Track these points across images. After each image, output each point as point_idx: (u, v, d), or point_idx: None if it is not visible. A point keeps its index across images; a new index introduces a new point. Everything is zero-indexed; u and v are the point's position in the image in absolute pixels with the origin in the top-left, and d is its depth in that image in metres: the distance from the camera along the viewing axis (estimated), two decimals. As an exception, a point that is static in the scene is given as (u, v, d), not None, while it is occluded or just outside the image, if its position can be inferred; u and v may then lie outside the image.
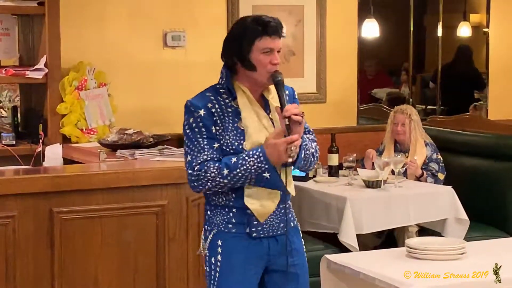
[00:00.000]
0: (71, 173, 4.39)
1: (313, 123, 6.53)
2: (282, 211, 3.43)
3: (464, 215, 5.52)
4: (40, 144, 5.05)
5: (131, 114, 5.94)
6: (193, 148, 3.30)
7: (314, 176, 6.02)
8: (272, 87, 3.39)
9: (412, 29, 7.17)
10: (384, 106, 7.22)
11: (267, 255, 3.42)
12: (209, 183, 3.28)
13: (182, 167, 4.40)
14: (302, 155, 3.37)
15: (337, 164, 6.09)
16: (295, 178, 5.83)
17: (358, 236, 5.34)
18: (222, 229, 3.38)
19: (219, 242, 3.39)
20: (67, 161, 5.13)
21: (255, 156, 3.24)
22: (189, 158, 3.32)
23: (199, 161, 3.27)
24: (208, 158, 3.28)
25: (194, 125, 3.31)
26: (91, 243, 4.23)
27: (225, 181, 3.26)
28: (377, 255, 3.93)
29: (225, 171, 3.25)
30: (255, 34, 3.28)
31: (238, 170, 3.25)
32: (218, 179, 3.26)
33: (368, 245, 5.62)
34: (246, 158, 3.25)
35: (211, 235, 3.41)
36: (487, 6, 7.30)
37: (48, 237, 4.14)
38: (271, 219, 3.41)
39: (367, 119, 6.97)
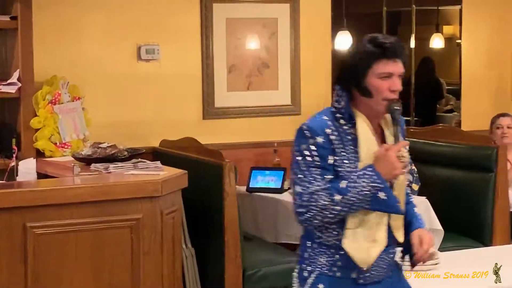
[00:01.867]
0: (45, 187, 4.37)
1: (288, 136, 6.57)
2: (391, 255, 3.12)
3: (438, 226, 5.54)
4: (14, 158, 5.02)
5: (105, 127, 5.92)
6: (303, 178, 2.95)
7: (290, 188, 6.02)
8: (388, 116, 3.09)
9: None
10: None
11: None
12: (320, 214, 2.92)
13: (157, 180, 4.43)
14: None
15: (311, 176, 6.08)
16: (270, 190, 5.92)
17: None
18: (326, 271, 3.04)
19: (321, 286, 3.05)
20: (41, 175, 5.09)
21: (367, 176, 2.92)
22: (298, 189, 2.96)
23: (310, 191, 2.93)
24: (319, 189, 2.94)
25: (307, 152, 2.96)
26: (65, 257, 4.19)
27: (338, 208, 2.92)
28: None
29: (337, 197, 2.91)
30: (373, 57, 2.97)
31: (350, 194, 2.91)
32: (331, 207, 2.91)
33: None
34: (357, 179, 2.92)
35: (312, 278, 3.06)
36: (460, 18, 7.35)
37: (22, 252, 4.10)
38: (379, 264, 3.07)
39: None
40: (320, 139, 2.95)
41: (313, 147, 2.95)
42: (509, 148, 6.20)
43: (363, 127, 3.02)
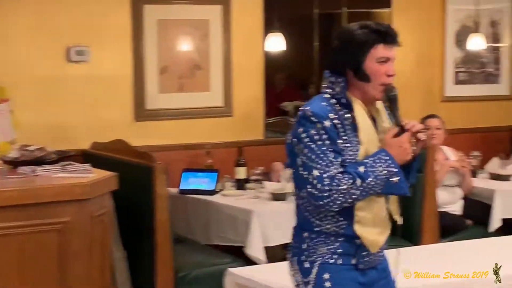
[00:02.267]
0: (-30, 191, 4.30)
1: (220, 137, 6.61)
2: (386, 240, 3.14)
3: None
4: None
5: (35, 130, 5.84)
6: (320, 162, 2.92)
7: (222, 190, 6.03)
8: (379, 104, 3.13)
9: (317, 43, 7.24)
10: (291, 119, 7.27)
11: (370, 286, 3.12)
12: (341, 197, 2.91)
13: (85, 183, 4.38)
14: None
15: (244, 177, 6.11)
16: (202, 192, 5.91)
17: (266, 248, 5.37)
18: (328, 260, 3.03)
19: (327, 276, 3.02)
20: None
21: (382, 160, 2.94)
22: (316, 173, 2.92)
23: (330, 175, 2.91)
24: (338, 172, 2.93)
25: (317, 137, 2.94)
26: (-8, 262, 4.14)
27: (358, 192, 2.92)
28: (283, 267, 3.95)
29: (358, 182, 2.91)
30: (372, 42, 3.01)
31: (370, 179, 2.91)
32: (352, 191, 2.91)
33: (276, 257, 5.64)
34: (374, 164, 2.94)
35: (316, 269, 3.04)
36: (391, 21, 7.43)
37: None
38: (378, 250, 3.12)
39: (274, 132, 7.00)
40: (327, 123, 2.94)
41: (322, 131, 2.93)
42: (437, 149, 6.30)
43: (361, 112, 3.03)
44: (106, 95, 6.24)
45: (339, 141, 2.96)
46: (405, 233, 5.74)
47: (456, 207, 6.32)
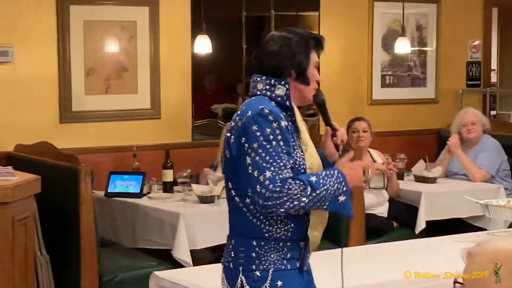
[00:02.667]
0: None
1: (148, 139, 6.56)
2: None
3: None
4: None
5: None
6: (273, 163, 2.87)
7: (149, 193, 5.99)
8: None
9: (245, 45, 7.25)
10: (220, 121, 7.26)
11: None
12: (289, 202, 2.85)
13: (7, 186, 4.31)
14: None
15: (171, 180, 6.08)
16: (129, 195, 5.86)
17: (193, 252, 5.34)
18: (279, 266, 2.98)
19: (279, 283, 2.97)
20: None
21: (335, 177, 2.93)
22: (269, 174, 2.85)
23: (283, 177, 2.87)
24: (290, 178, 2.89)
25: (272, 137, 2.89)
26: None
27: (306, 201, 2.87)
28: (209, 270, 3.93)
29: (309, 190, 2.87)
30: (313, 47, 3.06)
31: (319, 191, 2.89)
32: (301, 198, 2.86)
33: (203, 260, 5.62)
34: (326, 178, 2.92)
35: (269, 277, 2.96)
36: (319, 24, 7.47)
37: None
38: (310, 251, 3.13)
39: (202, 134, 6.98)
40: (283, 123, 2.92)
41: (278, 131, 2.89)
42: (364, 151, 6.35)
43: (299, 116, 3.05)
44: (31, 97, 6.15)
45: (291, 143, 2.95)
46: (332, 235, 5.76)
47: (382, 210, 6.38)
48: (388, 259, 4.33)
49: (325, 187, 2.90)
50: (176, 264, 5.24)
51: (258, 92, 3.04)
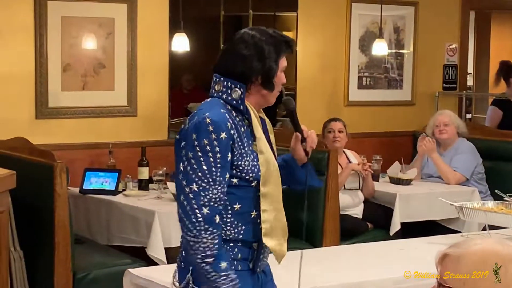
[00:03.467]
0: None
1: (123, 137, 6.54)
2: None
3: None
4: None
5: None
6: (202, 178, 2.79)
7: (124, 190, 5.97)
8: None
9: (223, 45, 7.25)
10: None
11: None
12: (192, 242, 2.78)
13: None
14: None
15: (147, 177, 6.07)
16: (104, 192, 5.84)
17: (167, 250, 5.33)
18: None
19: None
20: None
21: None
22: (195, 187, 2.79)
23: (208, 197, 2.78)
24: (218, 197, 2.80)
25: (208, 148, 2.80)
26: None
27: (206, 266, 2.80)
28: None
29: (210, 260, 2.79)
30: (284, 51, 2.97)
31: (212, 275, 2.81)
32: (203, 254, 2.79)
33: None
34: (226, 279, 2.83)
35: None
36: (296, 25, 7.48)
37: None
38: (268, 252, 3.06)
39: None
40: (223, 135, 2.82)
41: (215, 143, 2.80)
42: (339, 152, 6.37)
43: (256, 122, 2.96)
44: (7, 92, 6.11)
45: (234, 151, 2.86)
46: (307, 236, 5.78)
47: (357, 210, 6.39)
48: (363, 260, 4.34)
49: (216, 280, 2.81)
50: (151, 262, 5.23)
51: (215, 94, 2.97)
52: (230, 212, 2.90)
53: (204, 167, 2.79)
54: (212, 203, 2.79)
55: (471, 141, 6.95)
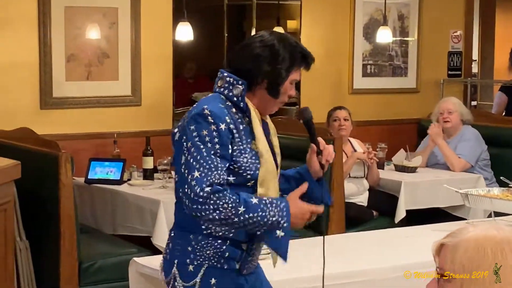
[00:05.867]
0: None
1: (128, 126, 6.54)
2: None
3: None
4: None
5: None
6: (204, 164, 2.78)
7: (129, 179, 5.97)
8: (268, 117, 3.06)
9: (227, 34, 7.24)
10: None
11: None
12: (216, 213, 2.76)
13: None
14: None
15: (152, 167, 6.07)
16: (109, 182, 5.85)
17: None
18: (215, 263, 2.90)
19: (213, 281, 2.89)
20: None
21: (278, 208, 2.81)
22: (197, 174, 2.77)
23: (211, 181, 2.77)
24: (221, 181, 2.79)
25: (208, 139, 2.80)
26: None
27: (236, 220, 2.78)
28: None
29: (241, 209, 2.77)
30: (298, 65, 2.97)
31: (255, 214, 2.78)
32: (230, 213, 2.76)
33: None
34: (269, 205, 2.80)
35: (201, 272, 2.89)
36: (300, 14, 7.47)
37: None
38: (258, 254, 3.04)
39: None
40: (223, 126, 2.81)
41: (215, 134, 2.80)
42: (344, 140, 6.36)
43: (256, 120, 2.92)
44: (11, 82, 6.12)
45: (234, 147, 2.85)
46: (312, 224, 5.76)
47: (362, 198, 6.39)
48: (368, 247, 4.34)
49: (262, 214, 2.79)
50: (156, 251, 5.23)
51: (217, 89, 2.96)
52: None
53: (205, 154, 2.79)
54: (215, 184, 2.78)
55: (476, 128, 6.93)
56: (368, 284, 3.82)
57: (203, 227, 2.88)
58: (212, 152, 2.80)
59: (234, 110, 2.90)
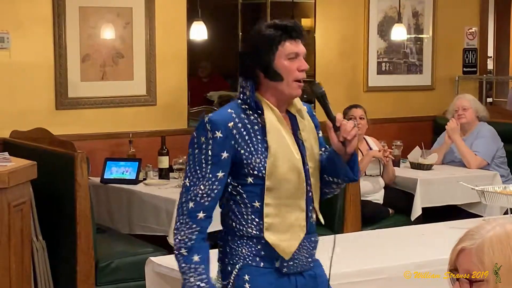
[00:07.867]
0: None
1: (143, 126, 6.55)
2: (313, 244, 3.04)
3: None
4: None
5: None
6: (193, 172, 2.87)
7: (145, 179, 5.99)
8: (298, 103, 3.02)
9: (241, 33, 7.24)
10: (216, 108, 7.24)
11: None
12: (175, 233, 2.91)
13: (3, 171, 4.32)
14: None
15: (167, 166, 6.08)
16: (125, 181, 5.86)
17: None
18: (250, 262, 2.93)
19: (247, 277, 2.92)
20: None
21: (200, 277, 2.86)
22: (187, 182, 2.90)
23: (195, 192, 2.86)
24: (206, 191, 2.85)
25: (203, 146, 2.87)
26: None
27: (176, 253, 2.91)
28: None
29: (184, 251, 2.89)
30: (278, 39, 2.90)
31: (185, 267, 2.88)
32: (179, 244, 2.89)
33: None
34: (195, 271, 2.87)
35: (236, 270, 2.93)
36: (314, 12, 7.46)
37: None
38: (302, 253, 2.98)
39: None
40: (218, 134, 2.86)
41: (209, 141, 2.86)
42: (360, 139, 6.35)
43: (271, 116, 2.92)
44: (26, 83, 6.14)
45: (241, 150, 2.88)
46: (328, 222, 5.76)
47: (378, 196, 6.38)
48: (384, 245, 4.34)
49: (188, 274, 2.86)
50: (172, 251, 5.22)
51: (237, 96, 3.00)
52: (250, 209, 2.92)
53: (196, 163, 2.87)
54: (198, 198, 2.87)
55: (492, 125, 6.91)
56: (384, 282, 3.81)
57: (235, 229, 2.94)
58: (203, 160, 2.87)
59: (249, 112, 2.93)
